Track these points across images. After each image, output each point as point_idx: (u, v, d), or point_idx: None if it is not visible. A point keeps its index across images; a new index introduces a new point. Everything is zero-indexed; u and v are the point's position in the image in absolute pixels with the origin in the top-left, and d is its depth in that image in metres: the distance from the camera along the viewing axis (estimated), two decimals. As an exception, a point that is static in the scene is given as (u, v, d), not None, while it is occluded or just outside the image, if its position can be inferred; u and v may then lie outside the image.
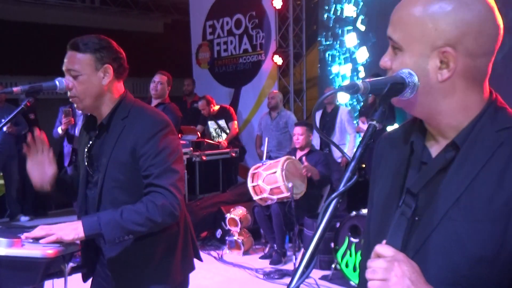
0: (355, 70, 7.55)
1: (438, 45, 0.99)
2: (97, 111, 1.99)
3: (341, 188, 0.93)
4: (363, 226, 4.01)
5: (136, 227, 1.83)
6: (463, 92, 1.02)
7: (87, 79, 1.90)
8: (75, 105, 1.97)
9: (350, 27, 7.59)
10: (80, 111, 2.97)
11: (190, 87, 8.23)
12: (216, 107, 7.39)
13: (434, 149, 1.08)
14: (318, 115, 6.64)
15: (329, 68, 7.94)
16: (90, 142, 2.02)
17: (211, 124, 7.52)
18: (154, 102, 5.38)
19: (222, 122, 7.40)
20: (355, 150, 0.97)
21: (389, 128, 4.09)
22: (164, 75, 5.44)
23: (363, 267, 1.20)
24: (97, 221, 1.80)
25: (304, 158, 5.19)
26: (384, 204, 1.12)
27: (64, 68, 1.93)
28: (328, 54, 7.95)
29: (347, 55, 7.68)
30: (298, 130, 5.41)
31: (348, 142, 6.38)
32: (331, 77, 7.91)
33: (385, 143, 1.22)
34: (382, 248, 0.95)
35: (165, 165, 1.88)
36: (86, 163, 2.02)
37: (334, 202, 0.93)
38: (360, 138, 1.02)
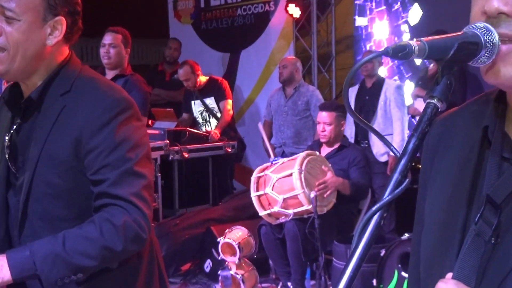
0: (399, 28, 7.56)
1: None
2: (27, 80, 1.97)
3: (386, 197, 0.93)
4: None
5: (87, 261, 1.81)
6: None
7: (26, 29, 1.86)
8: None
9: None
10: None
11: (177, 52, 8.29)
12: (203, 79, 7.33)
13: None
14: (353, 92, 6.64)
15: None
16: (14, 127, 2.00)
17: (196, 105, 7.48)
18: (110, 74, 5.39)
19: (211, 101, 7.35)
20: (406, 142, 0.97)
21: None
22: (118, 33, 5.44)
23: None
24: (29, 256, 1.77)
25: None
26: (442, 217, 1.13)
27: None
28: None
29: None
30: (324, 117, 5.37)
31: (397, 132, 6.36)
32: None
33: (440, 130, 1.20)
34: (449, 286, 0.95)
35: (125, 166, 1.87)
36: (7, 156, 2.00)
37: (375, 218, 0.93)
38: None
